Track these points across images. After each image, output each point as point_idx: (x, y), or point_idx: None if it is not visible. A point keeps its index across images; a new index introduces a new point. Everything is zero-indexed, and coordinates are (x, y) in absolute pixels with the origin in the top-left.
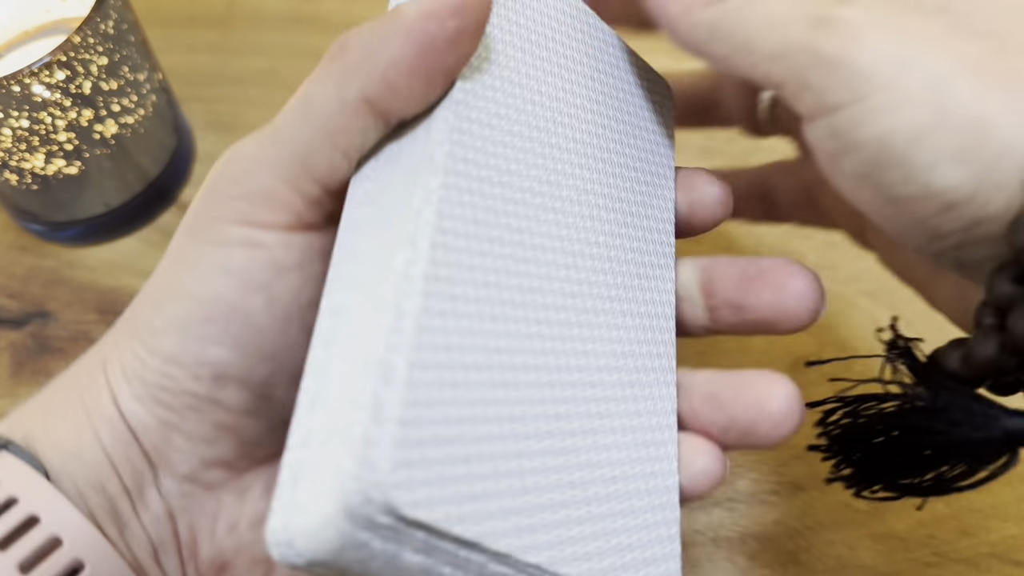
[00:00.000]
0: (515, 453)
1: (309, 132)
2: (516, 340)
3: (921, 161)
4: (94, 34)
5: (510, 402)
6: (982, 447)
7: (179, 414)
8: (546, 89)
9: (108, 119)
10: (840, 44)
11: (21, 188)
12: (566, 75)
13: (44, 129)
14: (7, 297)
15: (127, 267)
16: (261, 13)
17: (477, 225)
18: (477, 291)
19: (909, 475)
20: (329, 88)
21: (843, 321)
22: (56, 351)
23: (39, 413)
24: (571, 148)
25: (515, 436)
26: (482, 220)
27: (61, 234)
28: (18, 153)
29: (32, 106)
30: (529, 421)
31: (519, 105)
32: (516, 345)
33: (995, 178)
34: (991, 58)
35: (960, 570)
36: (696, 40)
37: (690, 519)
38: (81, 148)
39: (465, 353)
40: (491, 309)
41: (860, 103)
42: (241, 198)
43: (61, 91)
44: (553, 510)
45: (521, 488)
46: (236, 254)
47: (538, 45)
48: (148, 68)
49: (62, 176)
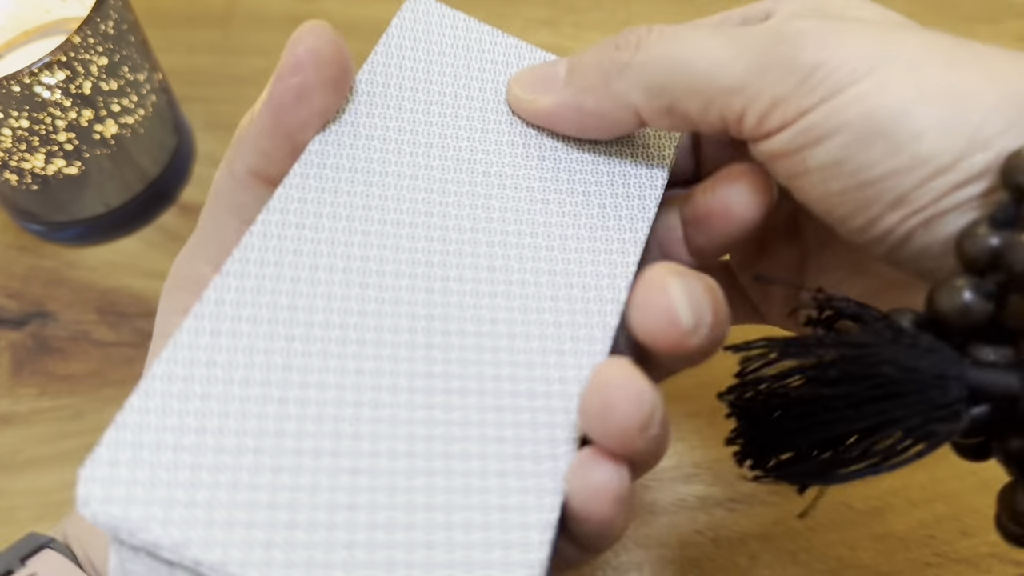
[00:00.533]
0: (272, 468)
1: (216, 213)
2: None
3: (908, 133)
4: (94, 34)
5: (280, 418)
6: (934, 401)
7: None
8: (422, 139)
9: (108, 119)
10: (813, 49)
11: (21, 188)
12: (461, 122)
13: (44, 129)
14: (7, 297)
15: (127, 267)
16: (261, 13)
17: (275, 259)
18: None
19: (830, 442)
20: (223, 168)
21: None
22: (56, 351)
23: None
24: (433, 200)
25: (280, 452)
26: (280, 248)
27: (61, 234)
28: (18, 153)
29: (32, 106)
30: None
31: (376, 156)
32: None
33: (981, 138)
34: (955, 46)
35: (960, 570)
36: (620, 114)
37: (691, 519)
38: (81, 148)
39: (228, 370)
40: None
41: (840, 94)
42: (180, 288)
43: (61, 91)
44: (309, 529)
45: (267, 503)
46: None
47: (426, 93)
48: (148, 68)
49: (62, 176)
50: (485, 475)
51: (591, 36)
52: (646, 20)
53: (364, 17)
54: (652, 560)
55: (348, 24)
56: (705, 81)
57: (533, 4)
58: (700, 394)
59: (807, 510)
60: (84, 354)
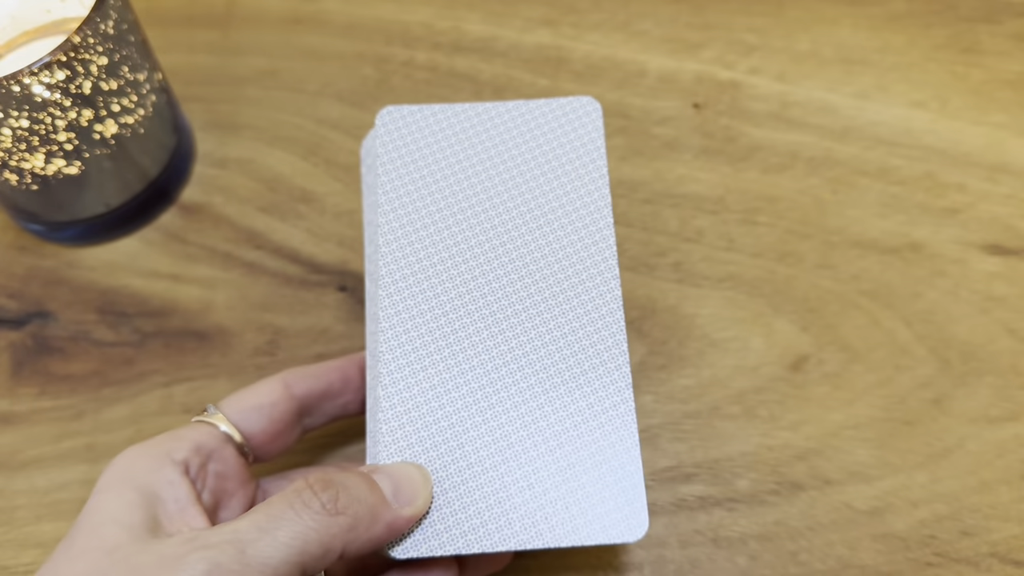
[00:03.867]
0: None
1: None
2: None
3: None
4: (94, 34)
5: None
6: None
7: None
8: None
9: (108, 119)
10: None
11: (21, 188)
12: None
13: (44, 129)
14: (7, 297)
15: (127, 267)
16: (261, 13)
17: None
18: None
19: None
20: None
21: (843, 321)
22: (56, 351)
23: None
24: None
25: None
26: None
27: (61, 234)
28: (18, 153)
29: (32, 106)
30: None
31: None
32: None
33: None
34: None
35: (960, 570)
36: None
37: (691, 519)
38: (81, 148)
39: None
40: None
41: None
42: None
43: (61, 91)
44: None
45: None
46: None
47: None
48: (148, 68)
49: (62, 176)
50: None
51: (591, 37)
52: (645, 20)
53: (365, 17)
54: (652, 560)
55: (349, 24)
56: None
57: (532, 4)
58: (700, 394)
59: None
60: (84, 354)
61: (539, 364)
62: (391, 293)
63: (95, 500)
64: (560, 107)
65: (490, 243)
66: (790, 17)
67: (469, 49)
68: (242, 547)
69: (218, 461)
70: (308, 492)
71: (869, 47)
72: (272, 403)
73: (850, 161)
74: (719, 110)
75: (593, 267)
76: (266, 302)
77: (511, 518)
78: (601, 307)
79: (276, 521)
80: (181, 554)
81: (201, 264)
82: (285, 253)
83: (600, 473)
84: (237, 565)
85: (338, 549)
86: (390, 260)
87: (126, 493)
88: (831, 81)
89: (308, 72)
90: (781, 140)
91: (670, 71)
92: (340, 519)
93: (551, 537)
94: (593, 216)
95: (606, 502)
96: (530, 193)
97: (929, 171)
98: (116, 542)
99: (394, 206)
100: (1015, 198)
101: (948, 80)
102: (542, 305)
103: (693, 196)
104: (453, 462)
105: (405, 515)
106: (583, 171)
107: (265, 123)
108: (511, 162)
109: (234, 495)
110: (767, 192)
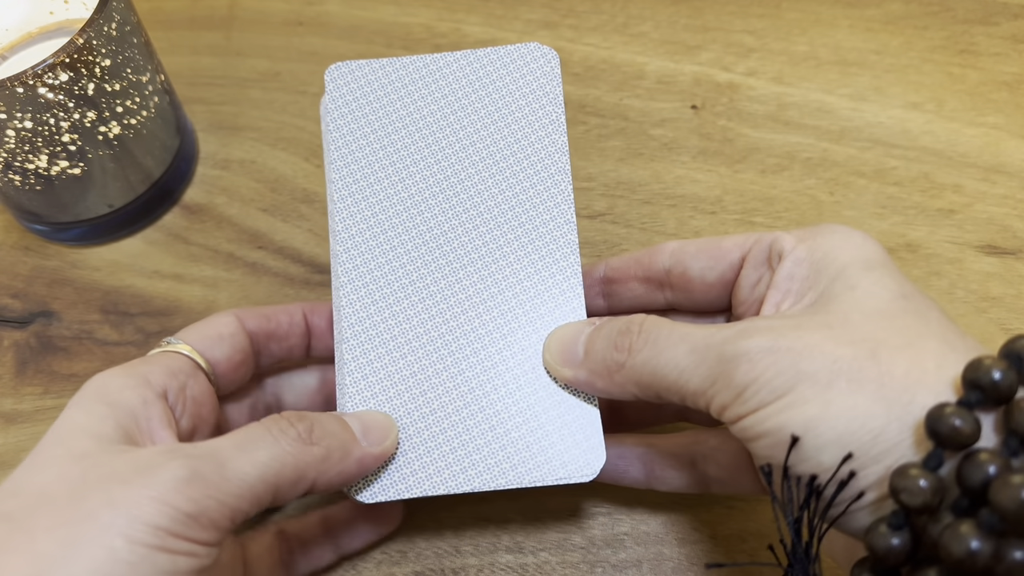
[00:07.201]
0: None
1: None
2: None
3: (813, 445)
4: (97, 36)
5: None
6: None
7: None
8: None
9: (111, 120)
10: (745, 370)
11: (25, 189)
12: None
13: (48, 130)
14: (11, 297)
15: (130, 267)
16: (263, 15)
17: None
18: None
19: None
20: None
21: None
22: (60, 351)
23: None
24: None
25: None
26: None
27: (65, 234)
28: (22, 154)
29: (36, 107)
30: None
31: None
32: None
33: (873, 454)
34: (864, 362)
35: None
36: (626, 395)
37: (690, 516)
38: (85, 149)
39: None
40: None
41: (765, 407)
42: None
43: (65, 92)
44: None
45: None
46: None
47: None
48: (151, 70)
49: (66, 177)
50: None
51: (590, 39)
52: (644, 22)
53: (366, 19)
54: (651, 557)
55: (350, 26)
56: (676, 385)
57: (532, 6)
58: None
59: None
60: (87, 353)
61: (496, 311)
62: (348, 248)
63: (64, 415)
64: (512, 54)
65: (443, 193)
66: (787, 19)
67: None
68: (222, 460)
69: (192, 387)
70: (284, 421)
71: (866, 49)
72: (231, 334)
73: (847, 162)
74: (717, 111)
75: (549, 213)
76: (268, 302)
77: (471, 461)
78: (556, 252)
79: (255, 443)
80: (160, 462)
81: (204, 264)
82: (287, 253)
83: (557, 415)
84: (216, 477)
85: (310, 479)
86: (344, 214)
87: (96, 407)
88: (828, 83)
89: (310, 74)
90: (778, 141)
91: (668, 73)
92: (314, 449)
93: (511, 478)
94: (549, 162)
95: (564, 442)
96: (483, 140)
97: (925, 172)
98: (84, 450)
99: (346, 161)
100: (1011, 198)
101: (944, 81)
102: (498, 252)
103: (691, 197)
104: (416, 409)
105: (374, 453)
106: (538, 116)
107: (267, 124)
108: (462, 111)
109: (208, 422)
110: (764, 193)
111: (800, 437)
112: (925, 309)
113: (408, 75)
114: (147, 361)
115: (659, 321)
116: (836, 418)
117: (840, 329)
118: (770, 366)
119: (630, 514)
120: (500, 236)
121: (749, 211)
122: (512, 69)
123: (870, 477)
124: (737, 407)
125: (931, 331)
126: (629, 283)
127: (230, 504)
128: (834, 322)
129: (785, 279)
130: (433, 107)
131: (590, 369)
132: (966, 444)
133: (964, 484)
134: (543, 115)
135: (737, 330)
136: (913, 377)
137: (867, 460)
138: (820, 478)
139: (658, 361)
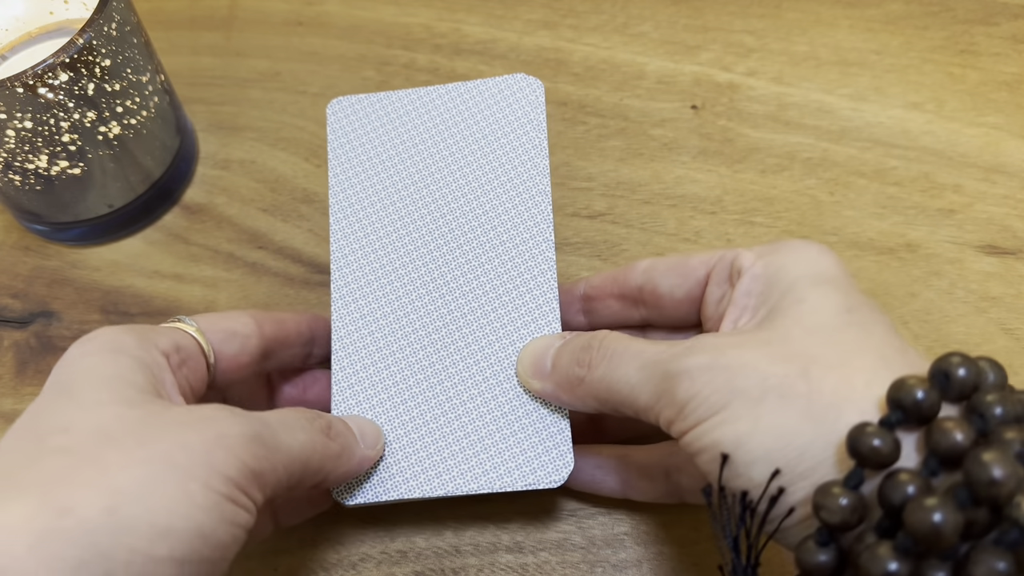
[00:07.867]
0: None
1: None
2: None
3: (744, 460)
4: (97, 36)
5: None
6: None
7: None
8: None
9: (111, 120)
10: (686, 387)
11: (25, 189)
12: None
13: (48, 130)
14: (11, 297)
15: (130, 267)
16: (263, 15)
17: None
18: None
19: None
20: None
21: None
22: (60, 351)
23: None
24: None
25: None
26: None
27: (65, 234)
28: (22, 154)
29: (36, 107)
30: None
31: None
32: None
33: (801, 470)
34: (795, 379)
35: None
36: (588, 408)
37: (691, 516)
38: (85, 149)
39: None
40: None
41: (703, 423)
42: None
43: (65, 92)
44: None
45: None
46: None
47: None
48: (151, 70)
49: (66, 177)
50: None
51: (590, 39)
52: (644, 22)
53: (366, 19)
54: (651, 557)
55: (350, 26)
56: (628, 400)
57: (532, 6)
58: None
59: None
60: None
61: (477, 325)
62: (341, 267)
63: (79, 361)
64: (499, 86)
65: (433, 214)
66: (788, 19)
67: (470, 51)
68: (274, 431)
69: (189, 369)
70: (311, 413)
71: (866, 49)
72: (246, 335)
73: (847, 162)
74: (717, 111)
75: (529, 232)
76: (268, 302)
77: (447, 466)
78: (535, 270)
79: (295, 424)
80: (223, 416)
81: (204, 264)
82: (287, 253)
83: (529, 424)
84: (273, 443)
85: (326, 472)
86: (339, 236)
87: (121, 358)
88: (828, 83)
89: (310, 74)
90: (778, 141)
91: (668, 73)
92: (333, 445)
93: (483, 482)
94: (531, 184)
95: (535, 450)
96: (471, 165)
97: (925, 172)
98: (131, 397)
99: (343, 187)
100: (1011, 198)
101: (944, 81)
102: (480, 269)
103: (691, 197)
104: (397, 416)
105: (370, 455)
106: (522, 142)
107: (267, 124)
108: (453, 139)
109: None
110: (764, 193)
111: (731, 453)
112: (871, 323)
113: (404, 107)
114: (155, 329)
115: (617, 338)
116: (764, 434)
117: (778, 346)
118: (708, 383)
119: (630, 514)
120: (483, 254)
121: (749, 211)
122: (500, 99)
123: (798, 493)
124: (680, 423)
125: (870, 346)
126: (607, 300)
127: (278, 472)
128: (774, 338)
129: (743, 295)
130: (426, 136)
131: (556, 382)
132: (886, 464)
133: (885, 504)
134: (527, 140)
135: (684, 347)
136: (841, 395)
137: (794, 476)
138: (752, 494)
139: (612, 377)
